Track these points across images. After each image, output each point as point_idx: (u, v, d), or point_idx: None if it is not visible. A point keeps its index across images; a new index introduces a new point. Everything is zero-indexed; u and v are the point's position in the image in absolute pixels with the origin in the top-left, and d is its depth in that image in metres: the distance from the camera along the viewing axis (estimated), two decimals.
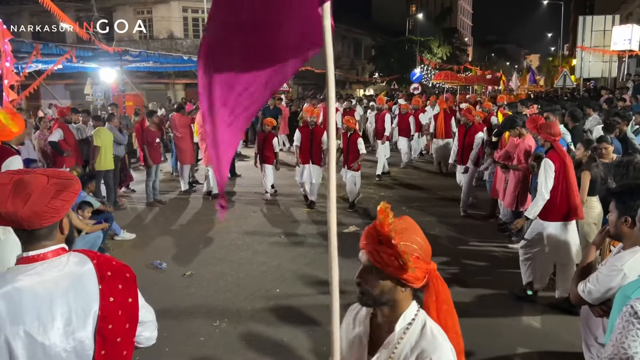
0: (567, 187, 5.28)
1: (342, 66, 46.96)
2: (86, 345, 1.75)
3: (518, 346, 4.77)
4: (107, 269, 1.84)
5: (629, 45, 23.87)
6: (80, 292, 1.76)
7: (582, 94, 23.09)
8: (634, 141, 7.53)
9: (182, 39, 31.43)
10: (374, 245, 1.69)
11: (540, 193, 5.31)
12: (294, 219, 9.13)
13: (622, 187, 2.93)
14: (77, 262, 1.81)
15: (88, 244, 6.53)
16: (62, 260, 1.79)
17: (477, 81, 33.10)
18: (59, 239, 1.85)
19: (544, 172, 5.30)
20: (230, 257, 7.23)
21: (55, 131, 9.42)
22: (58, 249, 1.82)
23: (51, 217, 1.76)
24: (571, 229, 5.40)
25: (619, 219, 2.81)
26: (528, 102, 14.46)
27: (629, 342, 1.71)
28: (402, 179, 12.74)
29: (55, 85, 20.37)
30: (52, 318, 1.71)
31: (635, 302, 1.76)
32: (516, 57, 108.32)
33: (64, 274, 1.76)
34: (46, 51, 11.79)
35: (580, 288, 2.81)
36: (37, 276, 1.74)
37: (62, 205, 1.78)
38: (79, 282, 1.77)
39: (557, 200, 5.31)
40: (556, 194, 5.30)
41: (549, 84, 53.97)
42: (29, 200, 1.70)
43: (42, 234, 1.78)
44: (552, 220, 5.40)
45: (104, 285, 1.79)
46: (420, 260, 1.71)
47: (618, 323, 1.79)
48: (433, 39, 49.58)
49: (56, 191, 1.76)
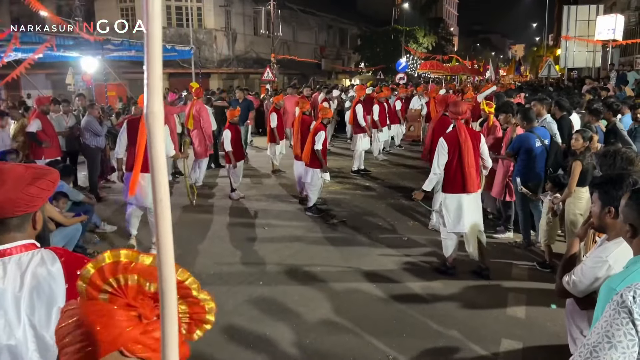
0: (461, 163, 5.83)
1: (328, 56, 46.85)
2: (50, 345, 1.70)
3: (502, 337, 4.73)
4: (76, 267, 1.76)
5: (613, 35, 24.09)
6: (46, 290, 1.70)
7: (566, 84, 23.21)
8: (624, 132, 7.52)
9: (165, 28, 31.05)
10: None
11: (432, 169, 5.98)
12: (278, 211, 9.05)
13: (603, 177, 2.90)
14: (44, 259, 1.75)
15: (67, 237, 6.38)
16: (29, 257, 1.74)
17: (462, 71, 33.19)
18: (30, 234, 1.79)
19: (436, 152, 5.92)
20: (212, 249, 7.14)
21: (33, 121, 9.22)
22: (28, 244, 1.76)
23: (25, 206, 1.70)
24: (472, 199, 5.98)
25: (602, 210, 2.78)
26: (514, 92, 14.46)
27: (614, 330, 1.70)
28: (381, 173, 12.69)
29: (36, 74, 20.01)
30: (17, 317, 1.66)
31: (624, 291, 1.74)
32: (501, 47, 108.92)
33: (30, 272, 1.70)
34: (26, 39, 11.55)
35: (565, 280, 2.78)
36: (3, 273, 1.68)
37: (38, 194, 1.72)
38: (44, 280, 1.71)
39: (452, 174, 5.88)
40: (451, 169, 5.87)
41: (533, 74, 54.31)
42: (3, 185, 1.64)
43: (13, 224, 1.72)
44: (450, 192, 5.96)
45: (71, 283, 1.73)
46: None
47: (605, 311, 1.78)
48: (419, 28, 49.55)
49: (33, 178, 1.71)
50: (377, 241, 7.40)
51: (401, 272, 6.26)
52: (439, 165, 5.89)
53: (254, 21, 36.55)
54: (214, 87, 23.94)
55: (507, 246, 7.13)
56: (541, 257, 6.49)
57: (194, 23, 28.86)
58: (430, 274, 6.22)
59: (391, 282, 5.99)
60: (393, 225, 8.08)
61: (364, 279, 6.07)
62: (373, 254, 6.87)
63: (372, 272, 6.22)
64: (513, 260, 6.60)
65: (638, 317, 1.66)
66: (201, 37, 31.27)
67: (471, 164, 5.84)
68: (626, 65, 30.50)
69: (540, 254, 6.59)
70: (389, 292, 5.69)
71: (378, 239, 7.50)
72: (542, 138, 6.66)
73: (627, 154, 3.91)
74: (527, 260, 6.56)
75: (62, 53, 14.65)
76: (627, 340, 1.67)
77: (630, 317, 1.67)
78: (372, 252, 6.94)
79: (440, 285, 5.91)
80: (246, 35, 36.28)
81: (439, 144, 5.92)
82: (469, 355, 4.50)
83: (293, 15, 39.07)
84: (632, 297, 1.70)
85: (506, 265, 6.46)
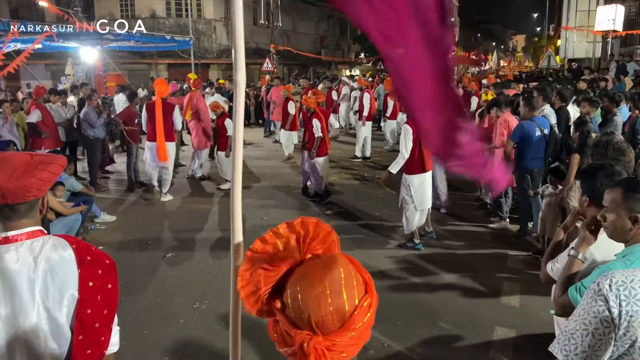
0: (421, 147, 6.31)
1: (328, 46, 46.68)
2: (63, 329, 1.74)
3: (496, 325, 4.81)
4: (87, 254, 1.82)
5: (613, 26, 23.97)
6: (59, 275, 1.73)
7: (565, 75, 23.18)
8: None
9: (164, 18, 30.94)
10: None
11: (401, 153, 6.42)
12: (276, 202, 9.11)
13: (586, 167, 2.97)
14: (56, 245, 1.79)
15: (66, 227, 6.46)
16: (40, 242, 1.77)
17: (462, 62, 33.12)
18: (37, 219, 1.83)
19: (404, 137, 6.36)
20: (211, 238, 7.20)
21: (33, 112, 9.26)
22: (36, 231, 1.79)
23: (36, 191, 1.74)
24: (428, 177, 6.64)
25: (582, 198, 2.86)
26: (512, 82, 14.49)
27: (590, 317, 1.74)
28: (382, 162, 12.72)
29: (35, 65, 20.01)
30: (32, 299, 1.69)
31: (601, 279, 1.78)
32: (502, 37, 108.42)
33: (44, 256, 1.74)
34: (25, 30, 11.55)
35: (549, 267, 2.84)
36: (17, 257, 1.72)
37: (49, 178, 1.76)
38: (57, 264, 1.74)
39: (415, 157, 6.41)
40: (415, 152, 6.37)
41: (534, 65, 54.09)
42: (14, 172, 1.68)
43: (22, 210, 1.75)
44: (414, 174, 6.49)
45: (83, 269, 1.77)
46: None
47: (583, 299, 1.83)
48: None
49: (43, 163, 1.75)
50: (372, 230, 7.46)
51: (396, 261, 6.33)
52: (407, 150, 6.37)
53: (254, 11, 36.35)
54: (214, 78, 23.86)
55: (503, 236, 7.19)
56: (536, 246, 6.55)
57: (193, 13, 28.74)
58: (425, 262, 6.29)
59: (386, 271, 6.06)
60: (389, 214, 8.13)
61: None
62: (368, 244, 6.94)
63: (368, 261, 6.28)
64: (508, 249, 6.66)
65: (614, 304, 1.71)
66: (200, 27, 31.10)
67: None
68: (626, 56, 30.40)
69: (535, 244, 6.65)
70: (385, 280, 5.76)
71: (374, 228, 7.56)
72: (542, 127, 6.69)
73: (618, 145, 3.95)
74: (522, 250, 6.62)
75: (61, 43, 14.64)
76: (603, 327, 1.72)
77: (606, 304, 1.72)
78: (368, 242, 7.01)
79: (435, 273, 5.98)
80: (245, 25, 35.47)
81: (404, 129, 6.45)
82: (463, 343, 4.57)
83: (292, 5, 38.89)
84: (608, 285, 1.74)
85: (501, 254, 6.53)
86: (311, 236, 1.24)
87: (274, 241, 1.24)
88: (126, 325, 4.03)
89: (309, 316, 1.10)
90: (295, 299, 1.12)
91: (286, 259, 1.21)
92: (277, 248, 1.23)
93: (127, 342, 4.03)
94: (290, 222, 1.27)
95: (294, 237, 1.24)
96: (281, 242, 1.24)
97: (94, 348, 1.81)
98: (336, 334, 1.10)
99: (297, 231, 1.25)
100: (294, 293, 1.13)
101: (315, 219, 1.27)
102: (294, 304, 1.13)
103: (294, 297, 1.13)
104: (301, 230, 1.25)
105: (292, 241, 1.23)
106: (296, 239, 1.23)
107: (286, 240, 1.24)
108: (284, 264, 1.21)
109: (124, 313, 4.65)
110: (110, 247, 6.74)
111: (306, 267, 1.18)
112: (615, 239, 2.32)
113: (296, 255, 1.22)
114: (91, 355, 1.81)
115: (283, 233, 1.25)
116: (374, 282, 1.21)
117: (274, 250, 1.23)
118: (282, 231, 1.26)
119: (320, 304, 1.10)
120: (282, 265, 1.21)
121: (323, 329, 1.10)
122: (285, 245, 1.23)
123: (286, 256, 1.22)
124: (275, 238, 1.25)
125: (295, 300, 1.12)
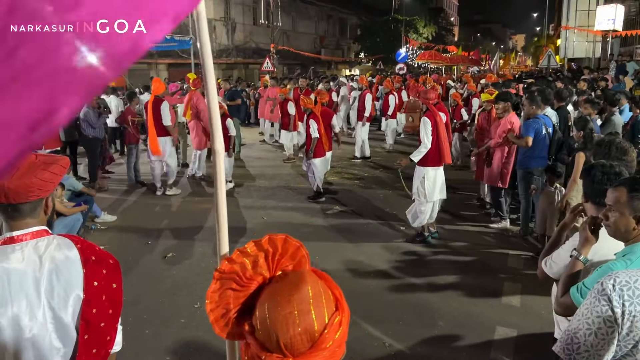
0: (438, 140, 6.50)
1: (328, 46, 46.66)
2: (68, 328, 1.75)
3: (497, 325, 4.81)
4: (92, 254, 1.83)
5: (613, 25, 23.98)
6: (64, 274, 1.74)
7: (565, 74, 23.17)
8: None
9: None
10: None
11: (423, 143, 6.49)
12: (277, 201, 9.11)
13: (589, 166, 2.99)
14: (61, 245, 1.80)
15: (67, 227, 6.45)
16: (45, 242, 1.78)
17: (462, 61, 33.08)
18: (42, 220, 1.84)
19: (423, 128, 6.48)
20: (212, 238, 7.18)
21: None
22: (41, 231, 1.80)
23: (38, 191, 1.75)
24: (442, 170, 6.79)
25: (584, 197, 2.89)
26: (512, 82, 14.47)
27: (593, 317, 1.75)
28: (381, 161, 12.71)
29: None
30: (38, 299, 1.70)
31: (605, 279, 1.78)
32: (502, 37, 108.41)
33: (49, 255, 1.75)
34: None
35: (544, 263, 2.85)
36: (22, 256, 1.73)
37: (51, 179, 1.77)
38: (62, 264, 1.75)
39: (433, 149, 6.52)
40: (432, 145, 6.49)
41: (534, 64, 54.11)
42: (17, 171, 1.68)
43: (26, 210, 1.76)
44: (431, 166, 6.59)
45: (88, 269, 1.78)
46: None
47: (586, 299, 1.83)
48: (419, 18, 49.33)
49: (45, 164, 1.75)
50: (373, 230, 7.46)
51: (397, 261, 6.33)
52: (429, 140, 6.45)
53: (254, 11, 36.35)
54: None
55: (504, 235, 7.20)
56: (537, 246, 6.55)
57: (193, 13, 28.62)
58: (426, 262, 6.29)
59: (388, 270, 6.05)
60: (390, 214, 8.13)
61: (360, 268, 6.13)
62: (370, 243, 6.93)
63: (369, 261, 6.28)
64: (509, 249, 6.67)
65: (617, 304, 1.71)
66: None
67: (445, 138, 6.63)
68: (626, 55, 30.37)
69: (537, 244, 6.65)
70: (386, 280, 5.75)
71: (375, 228, 7.56)
72: (547, 125, 6.68)
73: (621, 144, 3.95)
74: (523, 250, 6.62)
75: None
76: (606, 327, 1.72)
77: (609, 304, 1.72)
78: (369, 241, 7.00)
79: (436, 273, 5.98)
80: (245, 25, 36.09)
81: (423, 121, 6.56)
82: (464, 343, 4.57)
83: (292, 4, 38.87)
84: (611, 285, 1.75)
85: (502, 254, 6.53)
86: (280, 253, 1.22)
87: (242, 260, 1.22)
88: (127, 325, 4.01)
89: (277, 338, 1.07)
90: (264, 320, 1.10)
91: (255, 277, 1.20)
92: (245, 267, 1.21)
93: (128, 342, 4.01)
94: (257, 240, 1.25)
95: (262, 255, 1.22)
96: (249, 260, 1.22)
97: (99, 347, 1.82)
98: (307, 355, 1.08)
99: (265, 249, 1.23)
100: (262, 314, 1.11)
101: (284, 235, 1.25)
102: (263, 326, 1.10)
103: (262, 318, 1.11)
104: (269, 247, 1.23)
105: (260, 259, 1.21)
106: (264, 257, 1.22)
107: (254, 258, 1.22)
108: (252, 283, 1.20)
109: (125, 313, 4.60)
110: (110, 247, 6.73)
111: (274, 287, 1.16)
112: (616, 237, 2.31)
113: (265, 273, 1.20)
114: (97, 355, 1.82)
115: (251, 252, 1.23)
116: (374, 282, 1.21)
117: (242, 269, 1.21)
118: (249, 250, 1.24)
119: (289, 325, 1.07)
120: (250, 284, 1.20)
121: (293, 350, 1.08)
122: (253, 264, 1.21)
123: (255, 275, 1.20)
124: (242, 257, 1.23)
125: (263, 322, 1.10)
